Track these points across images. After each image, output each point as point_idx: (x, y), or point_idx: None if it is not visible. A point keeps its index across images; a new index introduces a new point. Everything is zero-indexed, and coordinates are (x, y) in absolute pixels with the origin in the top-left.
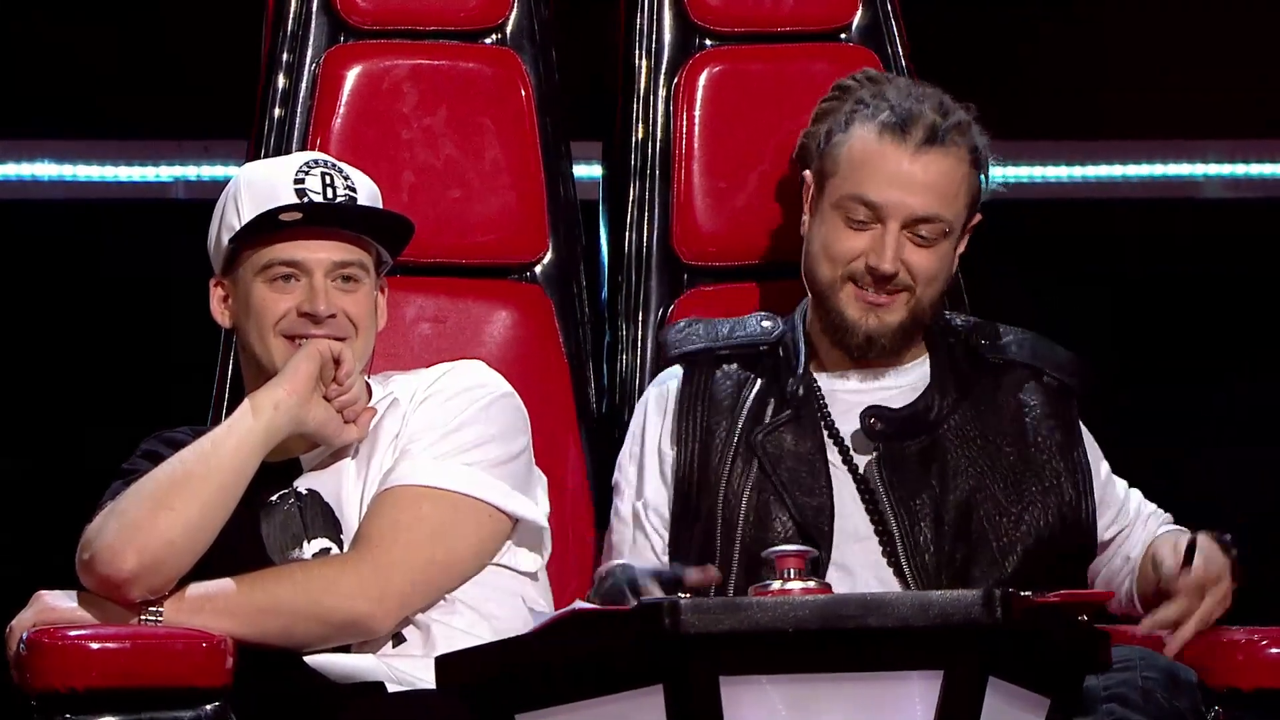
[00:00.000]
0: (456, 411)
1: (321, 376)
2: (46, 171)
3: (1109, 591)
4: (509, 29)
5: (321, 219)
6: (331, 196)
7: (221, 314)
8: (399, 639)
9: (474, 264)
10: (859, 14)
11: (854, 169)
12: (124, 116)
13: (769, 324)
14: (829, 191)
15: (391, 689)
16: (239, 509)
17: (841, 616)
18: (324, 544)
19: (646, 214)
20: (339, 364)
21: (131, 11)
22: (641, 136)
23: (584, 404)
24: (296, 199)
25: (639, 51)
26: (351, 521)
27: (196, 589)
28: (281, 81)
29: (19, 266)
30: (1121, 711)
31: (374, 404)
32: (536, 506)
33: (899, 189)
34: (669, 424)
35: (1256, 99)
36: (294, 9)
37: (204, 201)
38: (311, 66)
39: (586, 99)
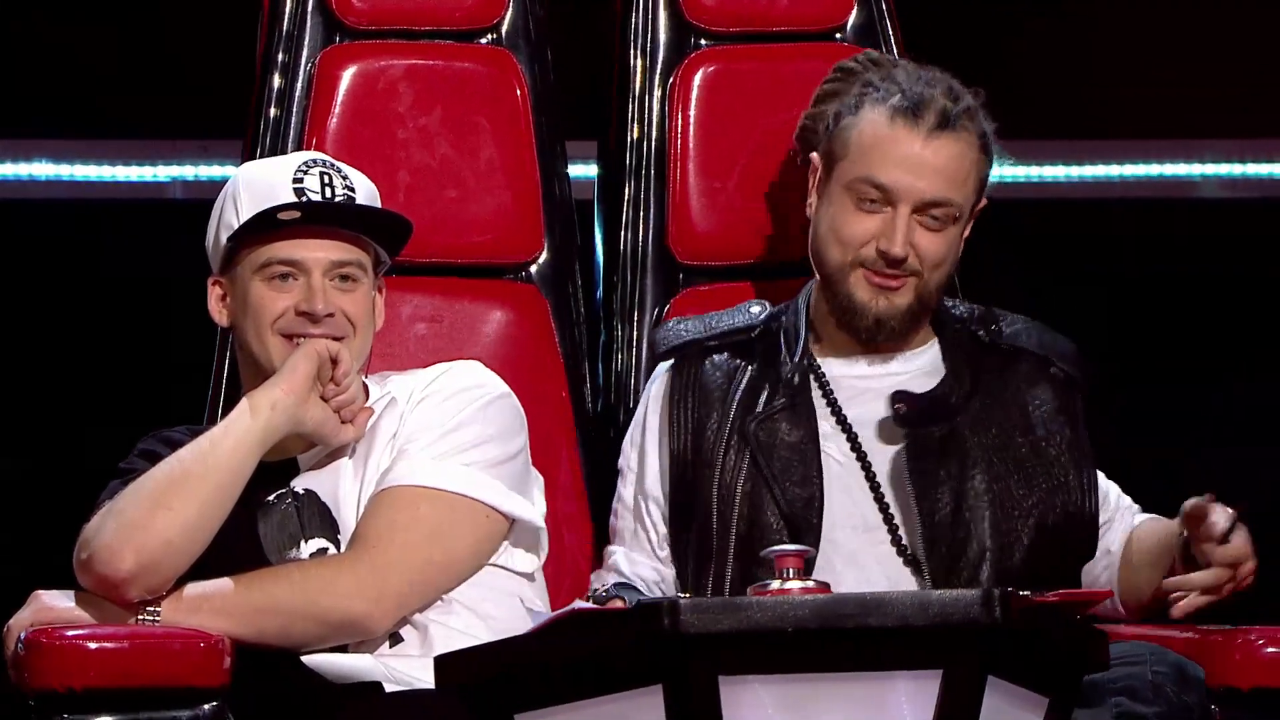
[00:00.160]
0: (454, 412)
1: (319, 376)
2: (45, 171)
3: (1107, 590)
4: (504, 29)
5: (320, 218)
6: (330, 196)
7: (219, 313)
8: (396, 639)
9: (469, 264)
10: (854, 13)
11: (865, 152)
12: (124, 116)
13: (757, 309)
14: (838, 174)
15: (389, 689)
16: (236, 509)
17: (840, 616)
18: (321, 544)
19: (642, 213)
20: (336, 364)
21: (131, 11)
22: (637, 136)
23: (580, 404)
24: (295, 198)
25: (634, 51)
26: (349, 521)
27: (194, 589)
28: (277, 81)
29: (18, 266)
30: (1131, 704)
31: (371, 404)
32: (533, 507)
33: (911, 172)
34: (662, 418)
35: (1254, 98)
36: (289, 9)
37: (203, 201)
38: (307, 66)
39: (582, 99)
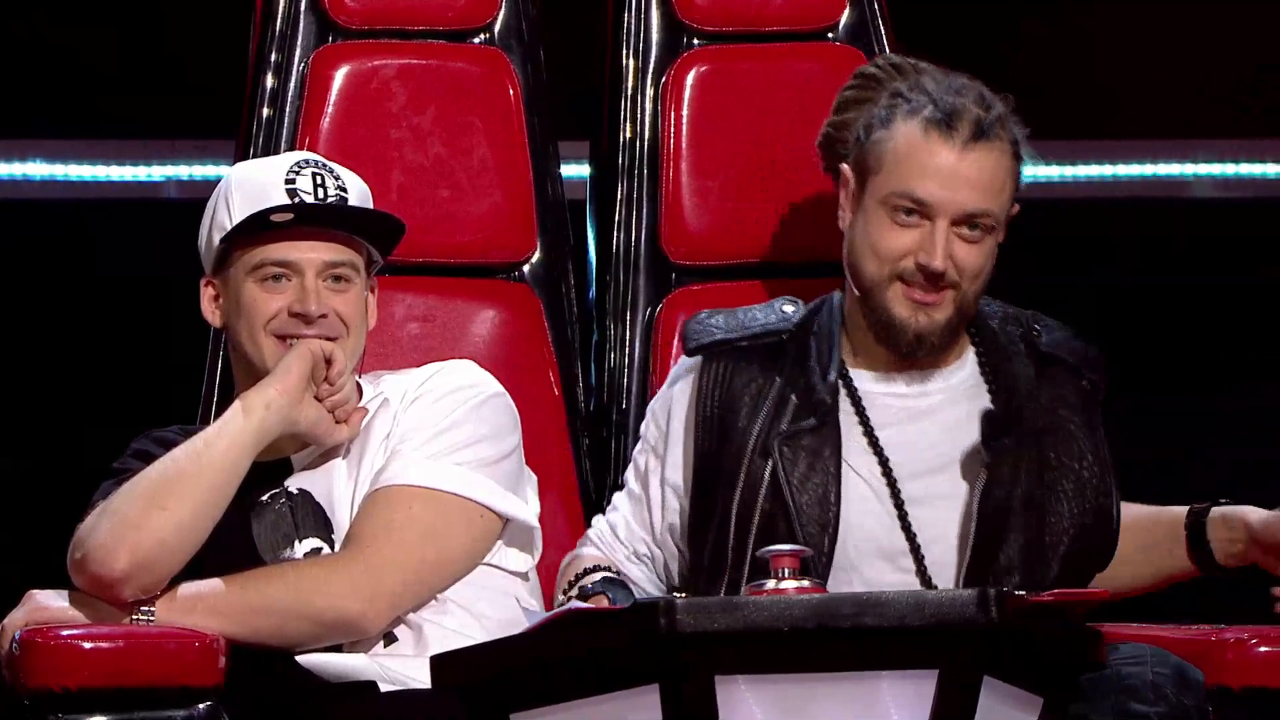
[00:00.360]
0: (447, 411)
1: (313, 376)
2: (43, 171)
3: (1104, 590)
4: (497, 28)
5: (313, 219)
6: (323, 197)
7: (212, 314)
8: (390, 639)
9: (462, 263)
10: (846, 13)
11: (900, 165)
12: (124, 116)
13: (790, 309)
14: (873, 188)
15: (383, 688)
16: (230, 508)
17: (836, 615)
18: (315, 544)
19: (634, 213)
20: (330, 364)
21: (131, 11)
22: (629, 136)
23: (572, 403)
24: (288, 199)
25: (626, 51)
26: (343, 521)
27: (188, 588)
28: (270, 81)
29: (18, 266)
30: (1130, 704)
31: (364, 403)
32: (527, 506)
33: (948, 185)
34: (689, 415)
35: (1247, 98)
36: (282, 9)
37: (202, 201)
38: (300, 66)
39: (575, 98)
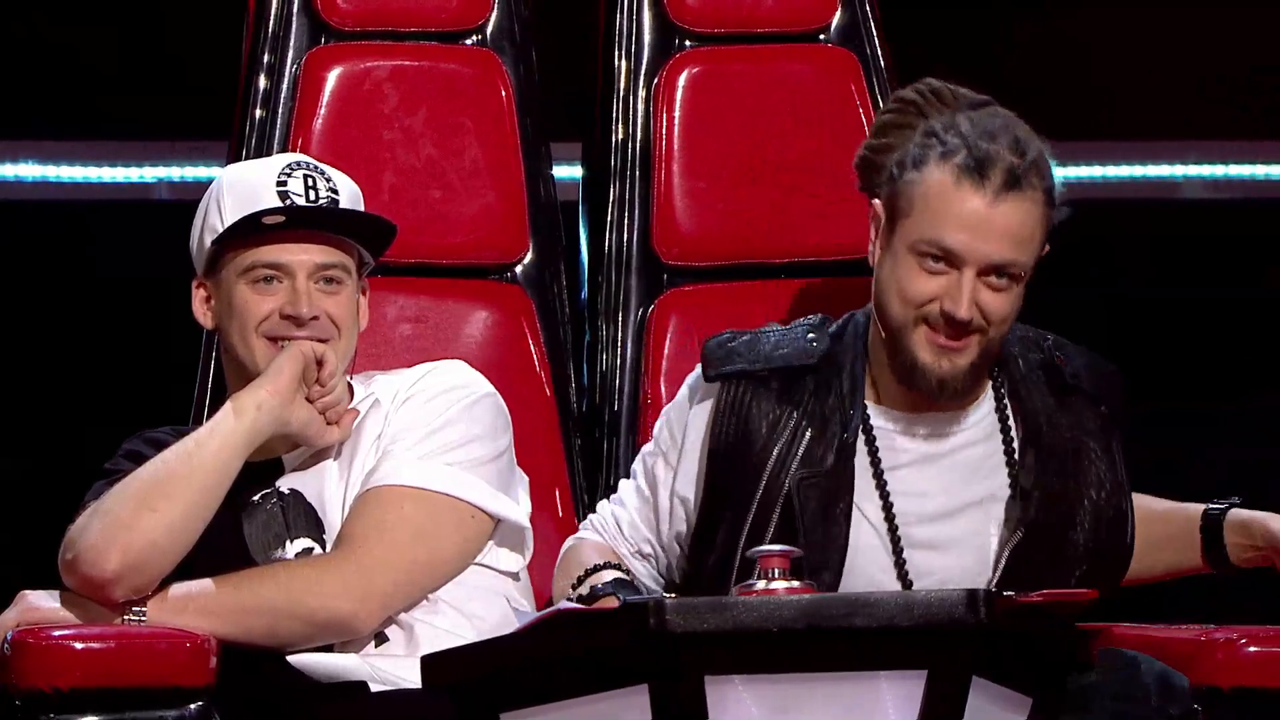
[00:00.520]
0: (439, 411)
1: (304, 378)
2: (36, 172)
3: (1092, 590)
4: (489, 30)
5: (304, 221)
6: (314, 199)
7: (204, 315)
8: (382, 638)
9: (454, 264)
10: (838, 15)
11: (929, 211)
12: (123, 116)
13: (814, 338)
14: (902, 231)
15: (374, 688)
16: (222, 509)
17: (826, 616)
18: (306, 544)
19: (626, 214)
20: (322, 365)
21: (131, 11)
22: (621, 137)
23: (564, 404)
24: (279, 201)
25: (619, 52)
26: (334, 521)
27: (180, 589)
28: (262, 82)
29: (18, 266)
30: (1114, 711)
31: (356, 404)
32: (518, 506)
33: (977, 236)
34: (705, 440)
35: (1238, 100)
36: (275, 10)
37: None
38: (292, 68)
39: (567, 100)
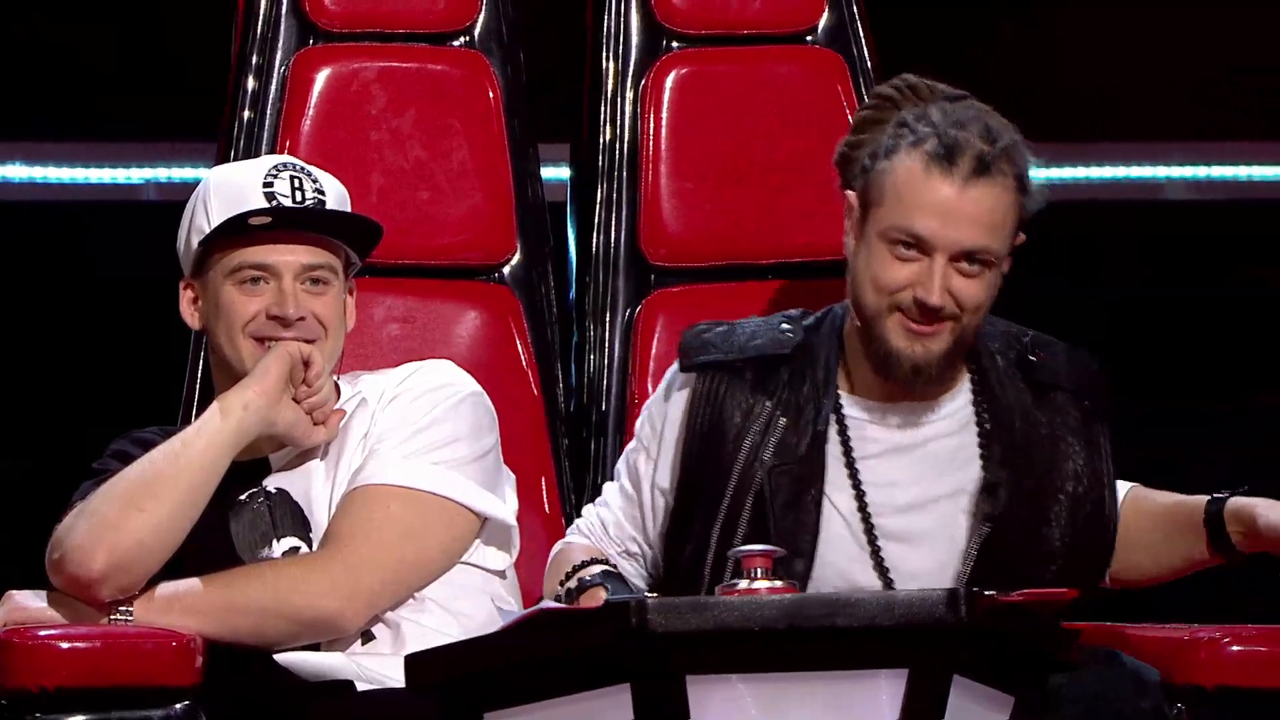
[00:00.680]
0: (425, 410)
1: (291, 378)
2: (24, 174)
3: (1072, 590)
4: (477, 31)
5: (290, 222)
6: (300, 200)
7: (191, 316)
8: (368, 637)
9: (442, 265)
10: (825, 16)
11: (900, 200)
12: (123, 116)
13: (789, 329)
14: (874, 220)
15: (361, 687)
16: (209, 508)
17: (807, 616)
18: (293, 543)
19: (614, 215)
20: (308, 366)
21: (131, 11)
22: (609, 138)
23: (552, 404)
24: (265, 202)
25: (606, 53)
26: (321, 520)
27: (166, 588)
28: (251, 83)
29: (19, 267)
30: (1085, 711)
31: (342, 403)
32: (505, 505)
33: (946, 223)
34: (681, 431)
35: (1220, 101)
36: (263, 11)
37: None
38: (280, 69)
39: (554, 101)
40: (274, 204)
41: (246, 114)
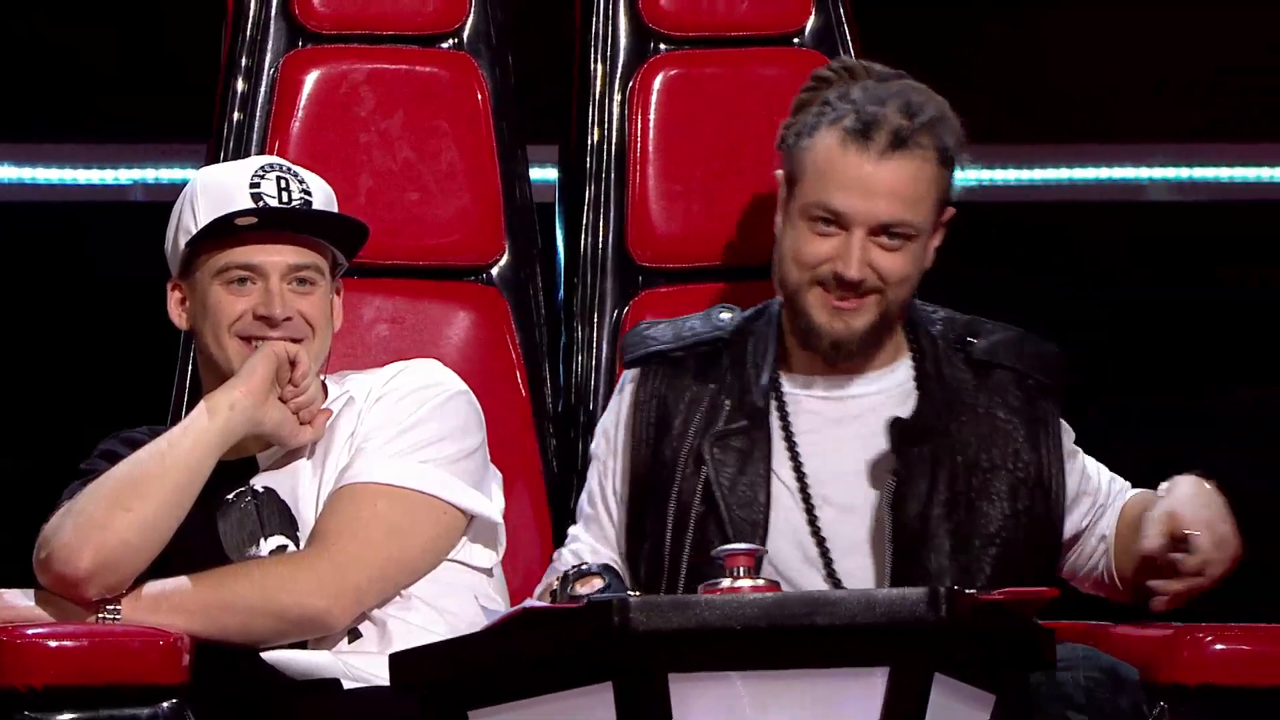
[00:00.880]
0: (411, 409)
1: (277, 378)
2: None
3: (1053, 589)
4: (465, 33)
5: (277, 223)
6: (287, 200)
7: (179, 316)
8: (355, 635)
9: (431, 265)
10: (812, 18)
11: (818, 175)
12: (123, 117)
13: (727, 316)
14: (796, 196)
15: (347, 685)
16: (196, 507)
17: (789, 615)
18: (280, 541)
19: (602, 216)
20: (295, 365)
21: (131, 11)
22: (597, 140)
23: (540, 404)
24: (252, 203)
25: (594, 55)
26: (308, 519)
27: (154, 587)
28: (240, 85)
29: (20, 267)
30: (1063, 710)
31: (330, 403)
32: (491, 503)
33: (862, 196)
34: (628, 428)
35: (1204, 102)
36: (252, 13)
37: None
38: (270, 71)
39: (543, 102)
40: (260, 205)
41: (236, 116)
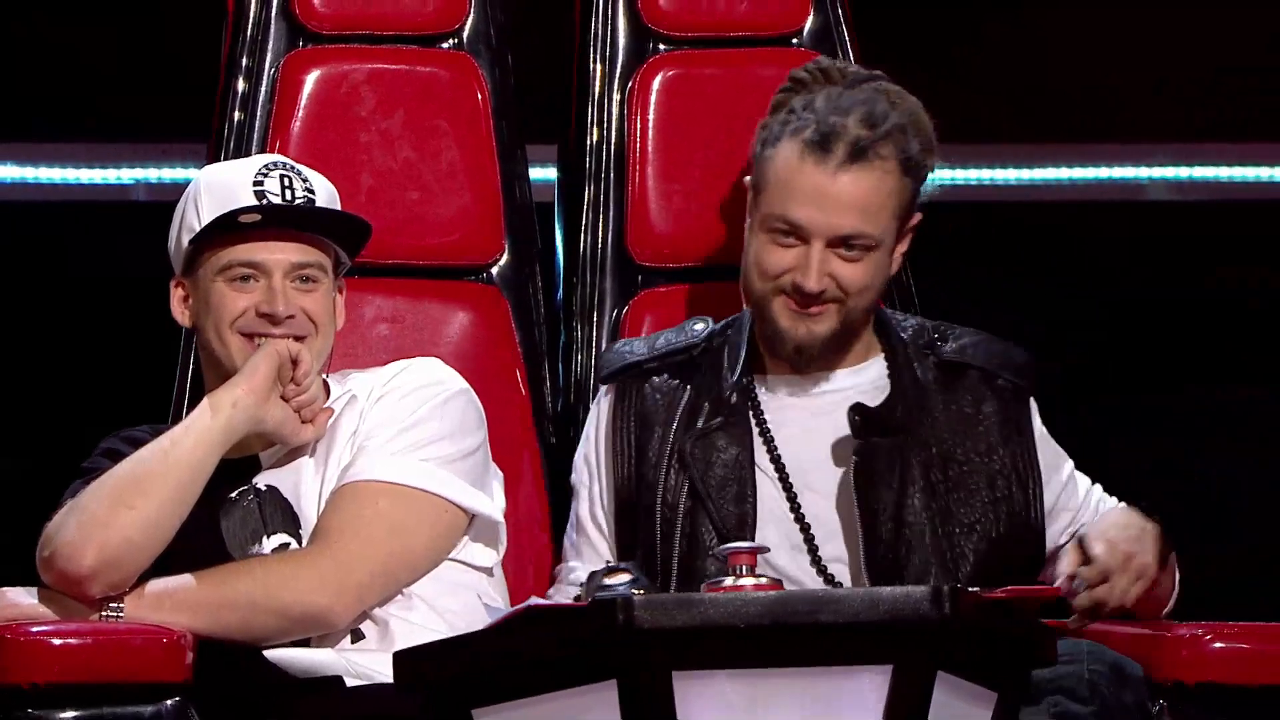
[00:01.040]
0: (413, 408)
1: (279, 376)
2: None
3: (1056, 588)
4: (466, 33)
5: (280, 221)
6: (290, 198)
7: (181, 314)
8: (357, 634)
9: (431, 265)
10: (810, 19)
11: (779, 187)
12: (124, 116)
13: (700, 326)
14: (759, 205)
15: (350, 683)
16: (198, 505)
17: (792, 612)
18: (283, 539)
19: (601, 216)
20: (297, 364)
21: (131, 11)
22: (596, 140)
23: (540, 403)
24: (255, 201)
25: (594, 55)
26: (310, 517)
27: (156, 585)
28: (241, 85)
29: (20, 266)
30: (1067, 703)
31: (332, 401)
32: (492, 502)
33: (820, 209)
34: (607, 444)
35: (1203, 102)
36: (253, 13)
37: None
38: (270, 70)
39: (542, 102)
40: (264, 202)
41: (236, 115)
